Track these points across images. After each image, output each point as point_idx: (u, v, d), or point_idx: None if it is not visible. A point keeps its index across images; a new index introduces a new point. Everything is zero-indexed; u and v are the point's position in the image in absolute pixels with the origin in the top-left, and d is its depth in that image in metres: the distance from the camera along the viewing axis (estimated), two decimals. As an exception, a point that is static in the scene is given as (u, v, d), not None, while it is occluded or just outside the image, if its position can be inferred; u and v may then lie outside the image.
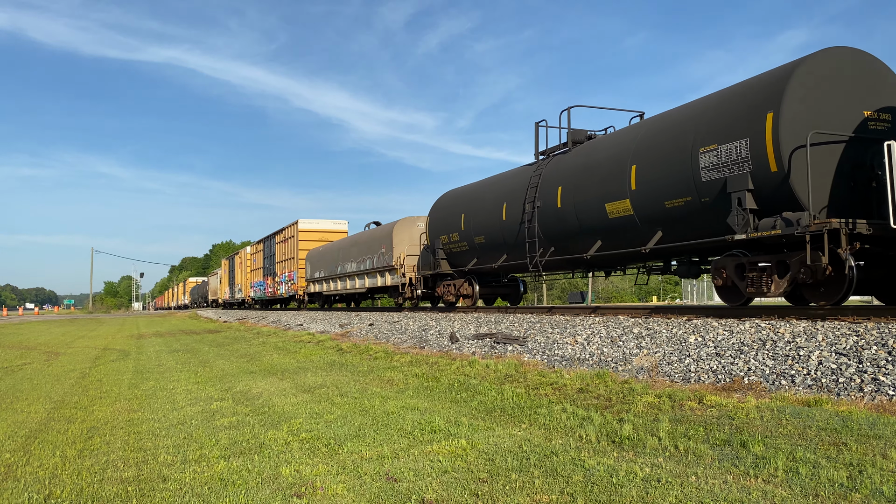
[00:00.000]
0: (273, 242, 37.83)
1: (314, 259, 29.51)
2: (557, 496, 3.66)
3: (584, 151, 12.12)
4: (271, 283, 37.57)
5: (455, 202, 16.73)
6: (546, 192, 12.56)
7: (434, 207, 17.84)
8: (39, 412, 7.16)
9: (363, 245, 23.49)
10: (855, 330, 6.84)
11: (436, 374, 8.78)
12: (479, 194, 15.64)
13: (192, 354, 14.18)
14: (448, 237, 16.58)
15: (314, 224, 32.56)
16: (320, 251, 29.04)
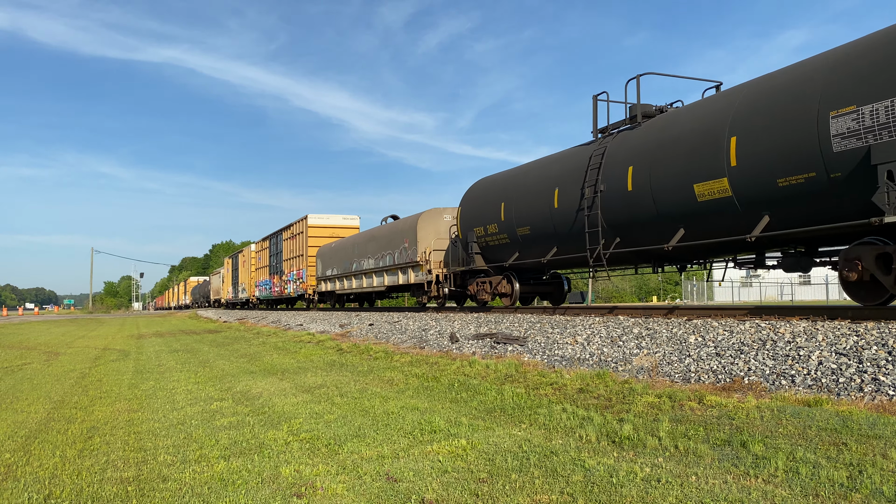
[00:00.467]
0: (280, 239, 36.09)
1: (326, 256, 27.79)
2: (557, 496, 3.66)
3: (660, 125, 10.24)
4: (278, 281, 36.08)
5: (492, 190, 14.80)
6: (612, 174, 10.73)
7: (466, 197, 15.89)
8: (39, 412, 7.16)
9: (382, 240, 21.65)
10: (855, 330, 6.84)
11: (436, 374, 8.78)
12: (521, 180, 13.68)
13: (192, 354, 14.18)
14: (483, 229, 14.73)
15: (324, 220, 30.83)
16: (332, 248, 27.18)
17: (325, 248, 28.37)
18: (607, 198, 10.86)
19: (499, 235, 14.25)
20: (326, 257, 27.77)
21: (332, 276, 26.85)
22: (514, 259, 14.05)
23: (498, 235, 14.28)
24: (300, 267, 31.29)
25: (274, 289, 37.11)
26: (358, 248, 23.99)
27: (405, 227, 19.90)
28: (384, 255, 21.37)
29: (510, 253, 14.16)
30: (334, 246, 27.12)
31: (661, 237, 10.08)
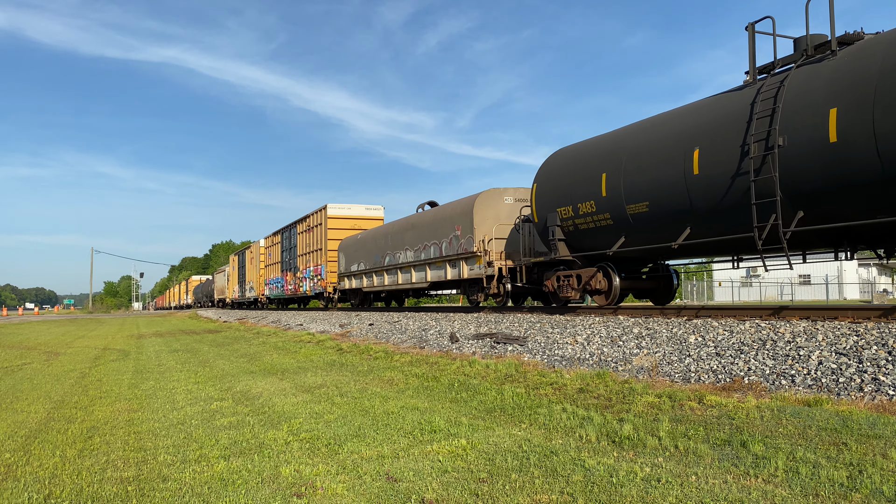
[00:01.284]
0: (294, 233, 32.66)
1: (350, 250, 24.38)
2: (557, 496, 3.66)
3: (871, 51, 7.49)
4: (291, 279, 32.77)
5: (587, 158, 11.76)
6: (799, 121, 7.93)
7: (545, 171, 12.88)
8: (39, 412, 7.16)
9: (424, 228, 18.46)
10: (855, 330, 6.85)
11: (436, 374, 8.78)
12: (635, 142, 10.63)
13: (192, 354, 14.18)
14: (572, 209, 11.76)
15: (345, 210, 27.42)
16: (358, 240, 23.80)
17: (349, 241, 24.92)
18: (790, 155, 8.00)
19: (596, 216, 11.25)
20: (351, 251, 24.30)
21: (357, 272, 23.59)
22: (619, 245, 10.94)
23: (595, 216, 11.29)
24: (318, 262, 28.14)
25: (287, 287, 33.95)
26: (392, 238, 20.59)
27: (457, 211, 16.68)
28: (427, 246, 18.20)
29: (612, 238, 11.14)
30: (361, 238, 23.69)
31: (887, 206, 7.36)
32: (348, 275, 24.75)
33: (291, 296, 33.39)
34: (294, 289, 32.22)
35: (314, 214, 29.05)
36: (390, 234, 20.96)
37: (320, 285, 27.77)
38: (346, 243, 25.23)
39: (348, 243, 24.94)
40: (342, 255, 25.40)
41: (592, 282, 11.90)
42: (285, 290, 34.18)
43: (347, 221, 27.36)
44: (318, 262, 28.26)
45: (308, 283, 29.68)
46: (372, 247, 22.29)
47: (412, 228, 19.41)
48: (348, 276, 24.80)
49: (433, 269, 18.00)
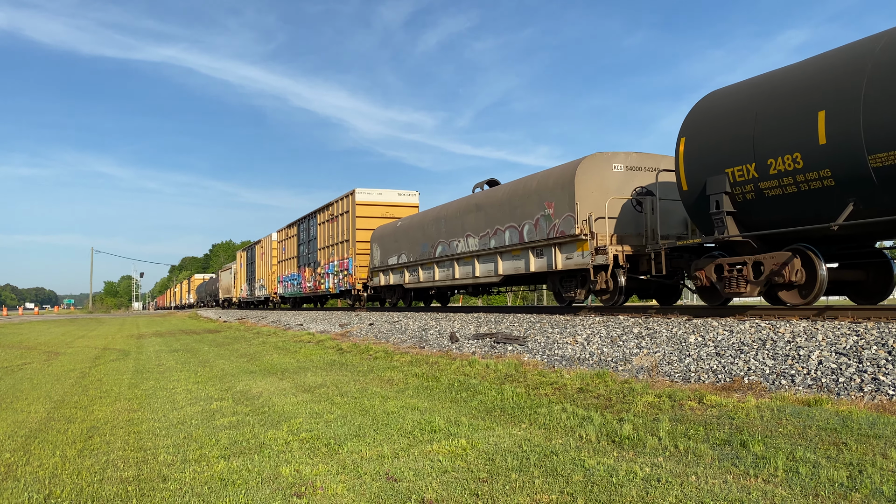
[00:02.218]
0: (313, 223, 29.15)
1: (387, 240, 20.83)
2: (557, 496, 3.66)
3: None
4: (310, 275, 29.20)
5: (780, 95, 8.38)
6: None
7: (699, 120, 9.50)
8: (39, 412, 7.16)
9: (496, 209, 14.60)
10: (855, 330, 6.85)
11: (436, 373, 8.79)
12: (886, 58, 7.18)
13: (191, 354, 14.18)
14: (755, 168, 8.46)
15: (376, 195, 24.10)
16: (398, 228, 20.21)
17: (385, 230, 21.24)
18: None
19: (804, 175, 7.91)
20: (388, 241, 20.70)
21: (397, 266, 20.00)
22: (847, 216, 7.66)
23: (801, 175, 7.95)
24: (344, 256, 24.67)
25: (305, 284, 30.20)
26: (447, 224, 16.93)
27: (547, 184, 12.81)
28: (499, 232, 14.40)
29: (829, 206, 7.88)
30: (402, 225, 20.04)
31: None
32: (384, 269, 21.00)
33: (310, 294, 29.63)
34: (314, 286, 28.63)
35: (339, 201, 25.49)
36: (444, 218, 17.07)
37: (347, 282, 24.25)
38: (381, 232, 21.44)
39: (385, 232, 21.11)
40: (376, 247, 21.65)
41: (785, 271, 8.39)
42: (303, 288, 30.38)
43: (378, 209, 23.85)
44: (343, 255, 24.77)
45: (331, 280, 26.24)
46: (417, 235, 18.60)
47: (476, 210, 15.54)
48: (384, 270, 21.11)
49: (508, 260, 14.19)
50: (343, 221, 25.06)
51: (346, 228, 24.74)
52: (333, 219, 26.31)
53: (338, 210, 25.73)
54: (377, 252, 21.66)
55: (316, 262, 28.49)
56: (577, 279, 12.60)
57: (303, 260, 30.76)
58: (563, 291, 13.04)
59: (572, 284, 12.75)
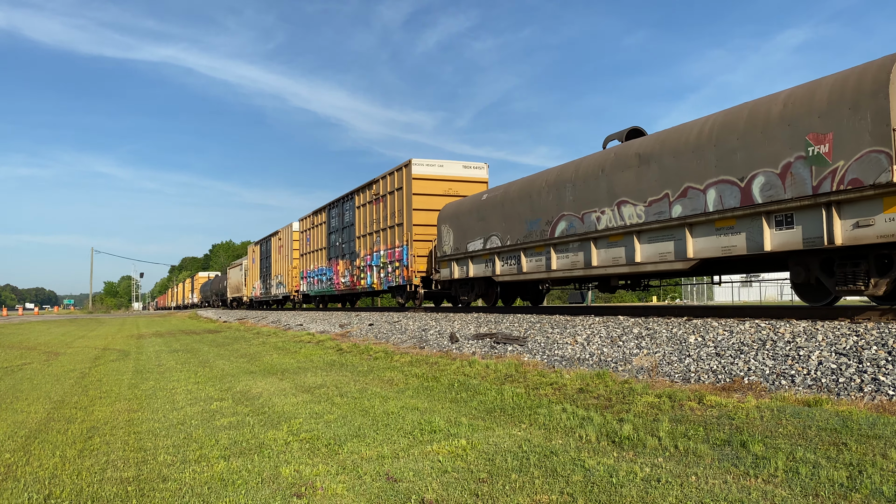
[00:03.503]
0: (350, 207, 24.61)
1: (464, 219, 16.04)
2: (557, 496, 3.66)
3: None
4: (346, 269, 24.68)
5: None
6: None
7: None
8: (39, 412, 7.16)
9: (692, 154, 9.34)
10: (855, 330, 6.85)
11: (436, 374, 8.79)
12: None
13: (191, 354, 14.18)
14: None
15: (437, 168, 19.38)
16: (485, 201, 15.25)
17: (461, 207, 16.46)
18: None
19: None
20: (467, 221, 15.87)
21: (482, 253, 15.17)
22: None
23: None
24: (395, 244, 20.03)
25: (338, 279, 25.63)
26: (575, 190, 11.95)
27: (821, 101, 7.68)
28: (695, 192, 9.33)
29: None
30: (492, 197, 14.98)
31: None
32: (460, 257, 16.18)
33: (346, 291, 24.89)
34: (351, 281, 23.94)
35: (388, 177, 20.86)
36: (570, 182, 12.07)
37: (399, 275, 19.55)
38: (454, 210, 16.77)
39: (461, 210, 16.39)
40: (447, 230, 16.88)
41: None
42: (335, 284, 25.84)
43: (440, 185, 19.35)
44: (394, 242, 20.12)
45: (375, 274, 21.62)
46: (520, 209, 13.60)
47: (639, 164, 10.43)
48: (460, 258, 16.25)
49: (707, 236, 9.20)
50: (394, 201, 20.33)
51: (398, 209, 19.92)
52: (378, 199, 21.61)
53: (385, 187, 20.98)
54: (448, 236, 16.77)
55: (353, 253, 23.81)
56: (867, 262, 7.61)
57: (335, 251, 26.12)
58: (835, 282, 7.89)
59: (856, 271, 7.67)
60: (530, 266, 13.43)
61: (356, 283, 23.53)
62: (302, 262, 31.72)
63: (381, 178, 21.44)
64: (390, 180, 20.72)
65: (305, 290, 30.82)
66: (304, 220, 31.43)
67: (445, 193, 19.42)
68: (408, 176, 19.38)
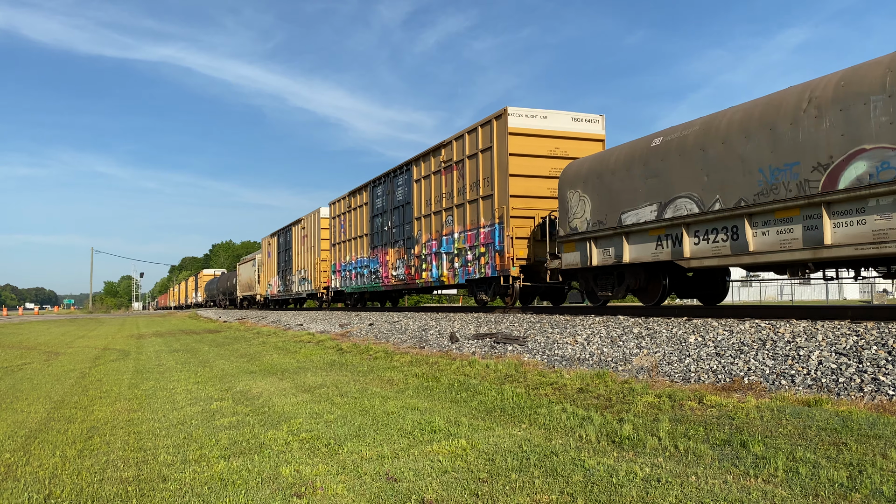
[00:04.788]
0: (403, 182, 19.90)
1: (617, 177, 11.21)
2: (557, 496, 3.66)
3: None
4: (400, 258, 19.95)
5: None
6: None
7: None
8: (39, 412, 7.16)
9: None
10: (855, 330, 6.85)
11: (436, 374, 8.79)
12: None
13: (191, 354, 14.18)
14: None
15: (539, 120, 14.76)
16: (660, 149, 10.32)
17: (607, 162, 11.63)
18: None
19: None
20: (621, 179, 11.10)
21: (654, 226, 10.35)
22: None
23: None
24: (481, 222, 15.37)
25: (386, 272, 21.06)
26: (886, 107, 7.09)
27: None
28: None
29: None
30: (674, 142, 10.16)
31: None
32: (608, 235, 11.33)
33: (400, 286, 20.26)
34: (407, 274, 19.41)
35: (470, 135, 16.04)
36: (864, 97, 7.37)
37: (488, 264, 15.08)
38: (593, 167, 11.87)
39: (606, 166, 11.52)
40: (580, 197, 12.03)
41: None
42: (383, 278, 21.33)
43: (542, 143, 14.71)
44: (476, 221, 15.64)
45: (446, 264, 16.99)
46: (746, 151, 8.87)
47: None
48: (607, 237, 11.39)
49: None
50: (475, 167, 15.70)
51: (484, 177, 15.37)
52: (450, 167, 16.92)
53: (462, 150, 16.40)
54: (581, 205, 12.00)
55: (410, 239, 19.28)
56: None
57: (382, 238, 21.49)
58: None
59: None
60: (765, 241, 8.62)
61: (415, 276, 18.73)
62: (334, 254, 27.02)
63: (456, 139, 16.71)
64: (471, 140, 15.97)
65: (339, 286, 26.06)
66: (337, 204, 26.39)
67: (551, 154, 14.80)
68: (501, 131, 14.68)
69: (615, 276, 11.74)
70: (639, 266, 11.01)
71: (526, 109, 14.79)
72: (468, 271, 15.99)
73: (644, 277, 11.10)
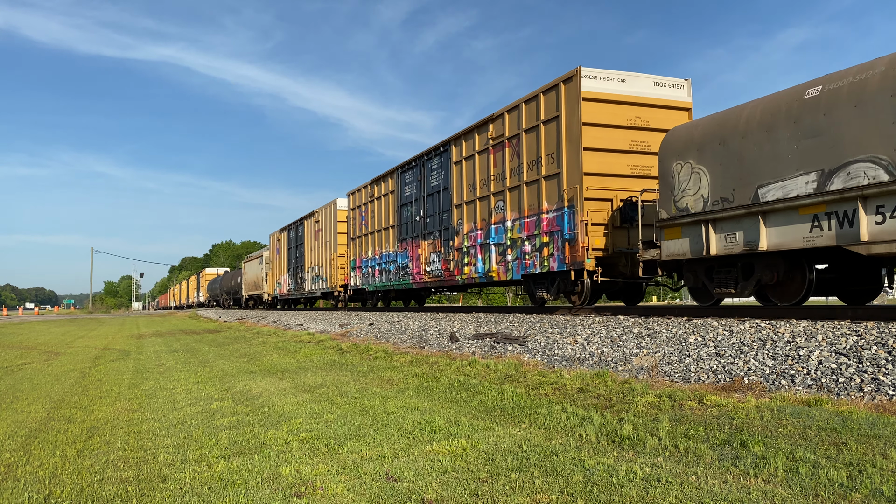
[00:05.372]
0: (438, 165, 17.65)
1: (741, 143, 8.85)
2: (557, 496, 3.66)
3: None
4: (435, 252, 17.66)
5: None
6: None
7: None
8: (39, 412, 7.16)
9: None
10: (855, 330, 6.85)
11: (436, 373, 8.79)
12: None
13: (192, 354, 14.18)
14: None
15: (618, 84, 12.67)
16: (818, 102, 7.96)
17: (740, 119, 9.04)
18: None
19: None
20: (757, 143, 8.67)
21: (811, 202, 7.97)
22: None
23: None
24: (544, 206, 13.15)
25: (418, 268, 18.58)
26: None
27: None
28: None
29: None
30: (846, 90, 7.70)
31: None
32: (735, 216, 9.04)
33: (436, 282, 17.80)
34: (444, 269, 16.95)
35: (529, 104, 13.74)
36: None
37: (553, 256, 12.77)
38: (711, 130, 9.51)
39: (739, 125, 9.06)
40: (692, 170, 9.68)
41: None
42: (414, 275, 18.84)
43: (621, 111, 12.61)
44: (537, 205, 13.32)
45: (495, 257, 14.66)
46: None
47: None
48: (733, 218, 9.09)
49: None
50: (536, 142, 13.35)
51: (548, 153, 13.07)
52: (500, 144, 14.54)
53: (517, 123, 13.95)
54: (693, 180, 9.68)
55: (449, 230, 16.91)
56: None
57: (412, 229, 19.26)
58: None
59: None
60: None
61: (454, 272, 16.41)
62: (353, 248, 24.68)
63: (509, 111, 14.22)
64: (529, 111, 13.54)
65: (359, 284, 23.76)
66: (357, 194, 24.11)
67: (631, 125, 12.64)
68: (572, 96, 12.43)
69: (739, 269, 9.41)
70: (778, 255, 8.77)
71: (601, 71, 12.52)
72: (525, 265, 13.52)
73: (783, 270, 8.89)
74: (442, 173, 17.51)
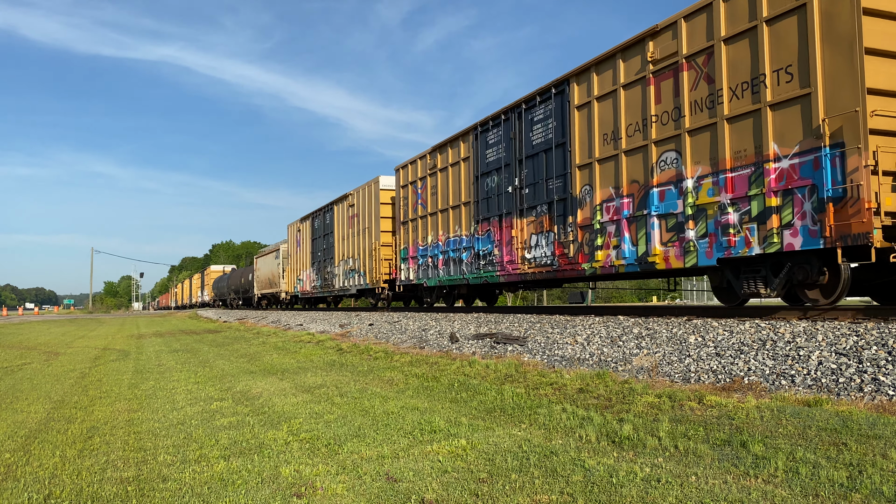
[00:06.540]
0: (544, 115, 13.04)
1: None
2: (557, 496, 3.66)
3: None
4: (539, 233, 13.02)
5: None
6: None
7: None
8: (39, 412, 7.16)
9: None
10: (855, 330, 6.85)
11: (436, 374, 8.78)
12: None
13: (191, 354, 14.18)
14: None
15: None
16: None
17: None
18: None
19: None
20: None
21: None
22: None
23: None
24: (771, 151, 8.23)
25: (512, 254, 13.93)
26: None
27: None
28: None
29: None
30: None
31: None
32: None
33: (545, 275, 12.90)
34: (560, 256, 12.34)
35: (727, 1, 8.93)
36: None
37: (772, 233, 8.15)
38: None
39: None
40: None
41: None
42: (503, 265, 14.32)
43: None
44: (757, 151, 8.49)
45: (655, 236, 10.07)
46: None
47: None
48: None
49: None
50: (764, 47, 8.43)
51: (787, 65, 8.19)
52: (670, 69, 9.98)
53: (715, 29, 9.10)
54: None
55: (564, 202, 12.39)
56: None
57: (500, 204, 14.59)
58: None
59: None
60: None
61: (577, 259, 11.89)
62: (402, 235, 19.67)
63: (686, 17, 9.69)
64: (733, 8, 8.96)
65: (411, 279, 18.95)
66: (410, 168, 19.13)
67: None
68: None
69: None
70: None
71: None
72: (724, 244, 8.91)
73: None
74: (552, 124, 12.91)
